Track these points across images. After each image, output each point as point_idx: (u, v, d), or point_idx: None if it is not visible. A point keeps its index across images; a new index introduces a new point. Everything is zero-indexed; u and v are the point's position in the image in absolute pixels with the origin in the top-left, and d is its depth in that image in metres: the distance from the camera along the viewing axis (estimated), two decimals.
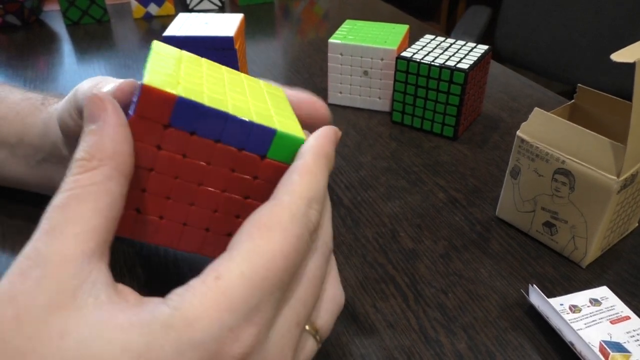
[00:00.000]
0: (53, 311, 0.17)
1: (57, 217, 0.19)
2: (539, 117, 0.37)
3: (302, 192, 0.21)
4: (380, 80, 0.57)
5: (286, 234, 0.20)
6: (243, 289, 0.18)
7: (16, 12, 0.82)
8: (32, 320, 0.17)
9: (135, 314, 0.18)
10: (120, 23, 0.86)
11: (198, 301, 0.18)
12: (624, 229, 0.40)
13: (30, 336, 0.17)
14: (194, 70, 0.26)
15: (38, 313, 0.17)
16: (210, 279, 0.18)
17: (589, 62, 1.22)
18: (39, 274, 0.18)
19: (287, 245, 0.20)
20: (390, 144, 0.54)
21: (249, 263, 0.19)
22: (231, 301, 0.18)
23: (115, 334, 0.17)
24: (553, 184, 0.38)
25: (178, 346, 0.17)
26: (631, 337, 0.32)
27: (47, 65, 0.71)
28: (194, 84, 0.24)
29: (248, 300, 0.18)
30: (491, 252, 0.40)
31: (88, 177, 0.19)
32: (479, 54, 0.53)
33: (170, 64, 0.25)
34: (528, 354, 0.32)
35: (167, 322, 0.17)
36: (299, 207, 0.21)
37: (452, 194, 0.47)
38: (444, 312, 0.35)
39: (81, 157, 0.20)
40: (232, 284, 0.18)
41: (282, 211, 0.21)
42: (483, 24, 1.29)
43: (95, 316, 0.18)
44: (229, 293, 0.18)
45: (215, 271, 0.19)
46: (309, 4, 0.95)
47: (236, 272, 0.18)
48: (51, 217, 0.19)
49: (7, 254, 0.39)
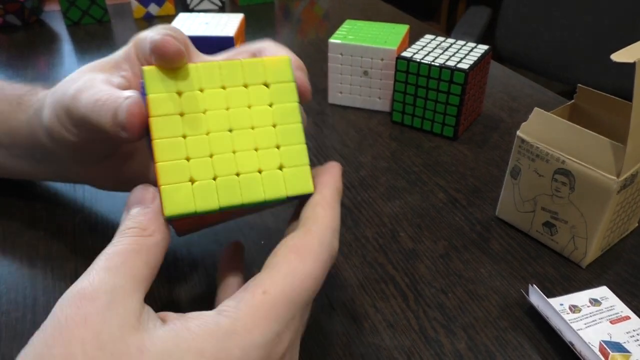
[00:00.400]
0: (127, 331, 0.20)
1: (118, 261, 0.22)
2: (539, 117, 0.37)
3: (328, 224, 0.25)
4: (380, 80, 0.57)
5: (316, 258, 0.24)
6: (285, 303, 0.22)
7: (16, 12, 0.82)
8: (111, 339, 0.20)
9: (196, 326, 0.21)
10: (120, 23, 0.86)
11: (252, 312, 0.22)
12: (624, 229, 0.40)
13: (113, 352, 0.20)
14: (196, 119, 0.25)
15: (115, 332, 0.20)
16: (259, 293, 0.22)
17: (589, 62, 1.22)
18: (107, 299, 0.21)
19: (317, 269, 0.24)
20: (390, 144, 0.54)
21: (289, 282, 0.23)
22: (277, 312, 0.22)
23: (189, 343, 0.20)
24: (553, 184, 0.38)
25: (243, 348, 0.21)
26: (631, 337, 0.32)
27: (47, 65, 0.71)
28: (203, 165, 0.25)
29: (288, 311, 0.22)
30: (491, 252, 0.40)
31: (144, 240, 0.23)
32: (479, 54, 0.53)
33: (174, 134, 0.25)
34: (528, 354, 0.32)
35: (230, 329, 0.21)
36: (326, 236, 0.25)
37: (452, 194, 0.47)
38: (444, 312, 0.35)
39: (136, 227, 0.24)
40: (277, 298, 0.22)
41: (313, 239, 0.24)
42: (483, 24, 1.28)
43: (163, 334, 0.21)
44: (275, 305, 0.22)
45: (262, 287, 0.22)
46: (309, 4, 0.95)
47: (279, 289, 0.22)
48: (111, 259, 0.22)
49: (7, 254, 0.39)
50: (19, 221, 0.42)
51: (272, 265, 0.24)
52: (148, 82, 0.25)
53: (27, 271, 0.38)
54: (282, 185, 0.26)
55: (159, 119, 0.25)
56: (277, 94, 0.27)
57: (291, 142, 0.27)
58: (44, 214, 0.43)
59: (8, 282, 0.37)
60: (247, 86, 0.26)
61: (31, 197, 0.45)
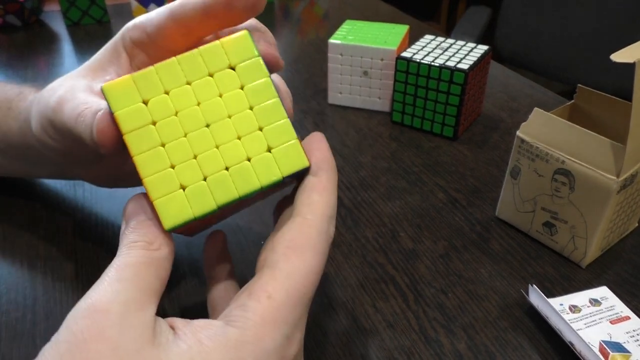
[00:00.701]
0: (143, 345, 0.20)
1: (128, 272, 0.22)
2: (539, 117, 0.37)
3: (324, 210, 0.24)
4: (380, 81, 0.57)
5: (315, 252, 0.23)
6: (291, 305, 0.22)
7: (16, 12, 0.82)
8: (128, 353, 0.20)
9: (207, 337, 0.21)
10: (120, 23, 0.86)
11: (260, 319, 0.22)
12: (624, 229, 0.40)
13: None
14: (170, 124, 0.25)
15: (131, 346, 0.20)
16: (264, 298, 0.22)
17: (589, 62, 1.22)
18: (121, 312, 0.20)
19: (317, 262, 0.23)
20: (390, 144, 0.54)
21: (292, 282, 0.22)
22: (284, 315, 0.22)
23: (203, 356, 0.20)
24: (553, 184, 0.38)
25: (256, 357, 0.21)
26: (631, 337, 0.32)
27: (47, 65, 0.71)
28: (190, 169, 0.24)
29: (295, 312, 0.22)
30: (491, 252, 0.40)
31: (152, 254, 0.23)
32: (479, 54, 0.53)
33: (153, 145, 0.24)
34: (528, 354, 0.32)
35: (241, 339, 0.21)
36: (322, 225, 0.24)
37: (452, 194, 0.47)
38: (444, 312, 0.35)
39: (143, 240, 0.23)
40: (282, 301, 0.22)
41: (310, 230, 0.24)
42: (483, 24, 1.28)
43: (178, 349, 0.21)
44: (281, 309, 0.22)
45: (265, 291, 0.22)
46: (309, 4, 0.95)
47: (283, 291, 0.22)
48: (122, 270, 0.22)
49: (7, 254, 0.39)
50: (19, 221, 0.42)
51: (273, 264, 0.23)
52: (110, 99, 0.24)
53: (27, 271, 0.38)
54: (276, 167, 0.25)
55: (133, 134, 0.24)
56: (245, 74, 0.25)
57: (272, 120, 0.25)
58: (44, 214, 0.43)
59: (8, 282, 0.37)
60: (212, 75, 0.25)
61: (31, 197, 0.45)
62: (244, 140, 0.25)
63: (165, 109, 0.24)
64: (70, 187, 0.46)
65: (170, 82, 0.25)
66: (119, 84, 0.24)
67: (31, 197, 0.45)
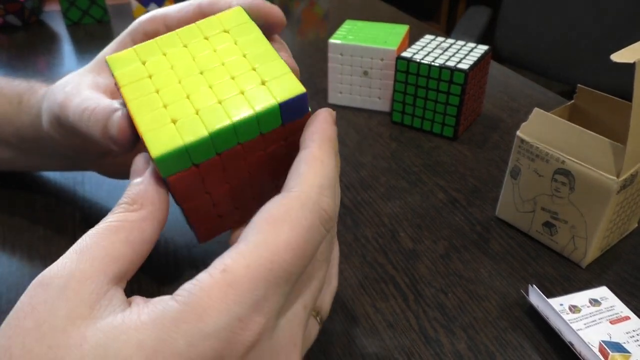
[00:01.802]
0: (72, 321, 0.18)
1: (90, 241, 0.20)
2: (539, 117, 0.37)
3: (312, 180, 0.21)
4: (380, 81, 0.57)
5: (295, 224, 0.20)
6: (249, 281, 0.19)
7: (17, 12, 0.82)
8: (52, 330, 0.18)
9: (145, 313, 0.19)
10: (120, 23, 0.86)
11: (206, 294, 0.18)
12: (624, 229, 0.40)
13: (51, 345, 0.18)
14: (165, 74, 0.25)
15: (57, 323, 0.18)
16: (217, 272, 0.19)
17: (589, 62, 1.22)
18: (61, 285, 0.19)
19: (295, 236, 0.20)
20: (390, 144, 0.54)
21: (255, 256, 0.19)
22: (237, 293, 0.19)
23: (129, 334, 0.18)
24: (553, 184, 0.38)
25: (190, 338, 0.18)
26: (631, 338, 0.32)
27: (47, 65, 0.71)
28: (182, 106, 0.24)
29: (254, 291, 0.19)
30: (491, 252, 0.40)
31: (126, 216, 0.21)
32: (479, 54, 0.53)
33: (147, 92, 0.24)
34: (528, 354, 0.32)
35: (177, 316, 0.18)
36: (309, 196, 0.21)
37: (452, 194, 0.47)
38: (444, 312, 0.35)
39: (124, 202, 0.22)
40: (238, 276, 0.19)
41: (291, 202, 0.21)
42: (483, 24, 1.29)
43: (110, 323, 0.19)
44: (235, 285, 0.19)
45: (223, 264, 0.19)
46: (309, 4, 0.95)
47: (242, 265, 0.19)
48: (85, 240, 0.21)
49: (7, 254, 0.39)
50: (19, 221, 0.42)
51: (241, 238, 0.20)
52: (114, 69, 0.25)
53: (27, 271, 0.38)
54: (270, 96, 0.24)
55: (129, 85, 0.24)
56: (240, 33, 0.26)
57: (266, 60, 0.25)
58: (44, 214, 0.43)
59: (8, 282, 0.37)
60: (208, 38, 0.26)
61: (31, 197, 0.45)
62: (237, 79, 0.25)
63: (161, 65, 0.25)
64: (70, 185, 0.46)
65: (168, 46, 0.26)
66: (121, 55, 0.25)
67: (31, 197, 0.45)
